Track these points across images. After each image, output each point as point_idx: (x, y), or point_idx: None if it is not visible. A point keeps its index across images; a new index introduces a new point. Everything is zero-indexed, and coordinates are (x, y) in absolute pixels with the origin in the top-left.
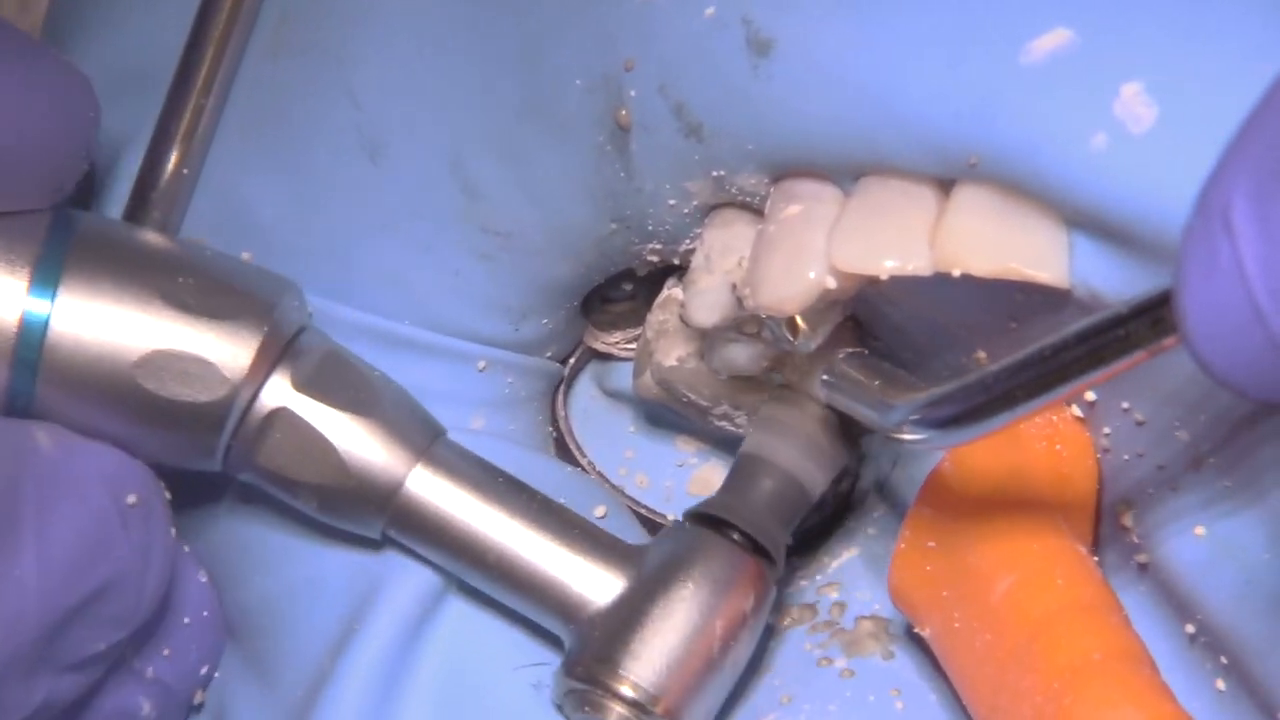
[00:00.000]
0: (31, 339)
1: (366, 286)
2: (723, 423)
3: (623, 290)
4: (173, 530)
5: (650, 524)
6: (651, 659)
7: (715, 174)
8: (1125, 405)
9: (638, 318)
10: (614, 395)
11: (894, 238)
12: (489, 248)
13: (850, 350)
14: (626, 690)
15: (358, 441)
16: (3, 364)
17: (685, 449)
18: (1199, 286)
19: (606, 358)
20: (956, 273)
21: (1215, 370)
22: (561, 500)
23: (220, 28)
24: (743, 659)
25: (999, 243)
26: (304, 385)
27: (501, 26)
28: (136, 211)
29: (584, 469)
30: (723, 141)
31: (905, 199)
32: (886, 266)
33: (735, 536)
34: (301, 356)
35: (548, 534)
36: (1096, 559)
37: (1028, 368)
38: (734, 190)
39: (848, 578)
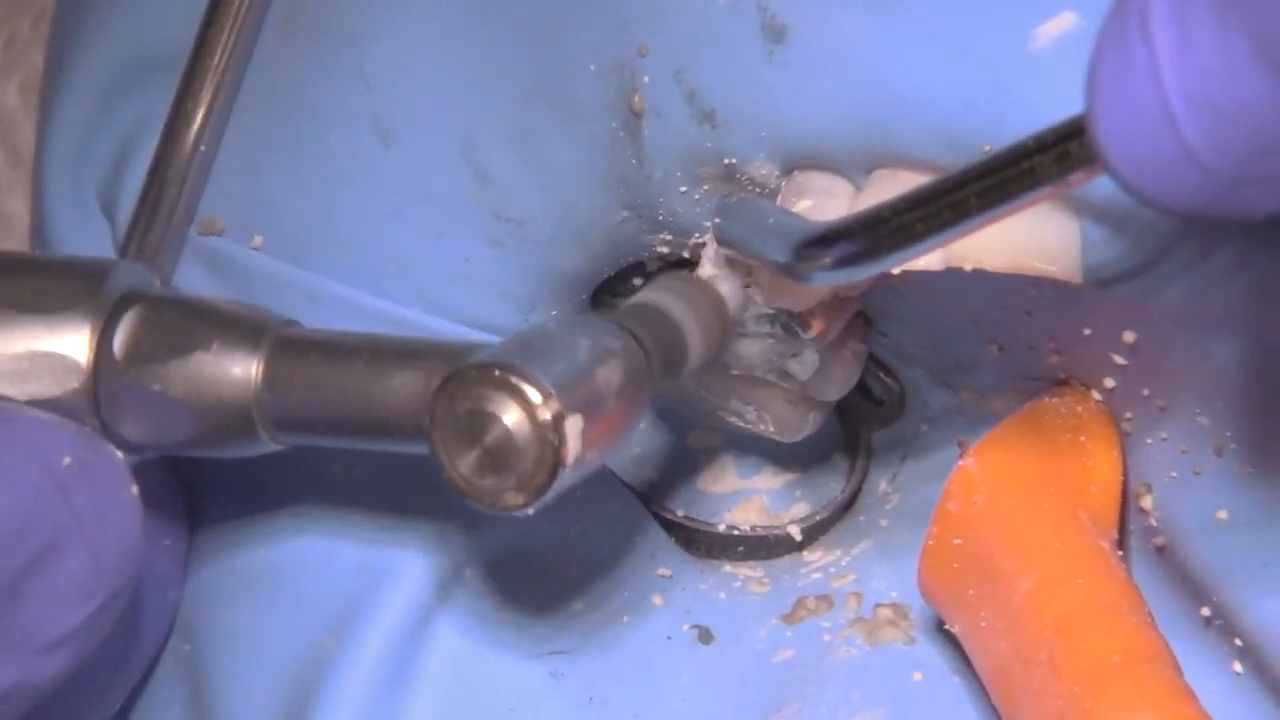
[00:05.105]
0: None
1: (377, 271)
2: (733, 418)
3: (632, 286)
4: (134, 490)
5: (663, 521)
6: (546, 369)
7: (727, 162)
8: (1146, 392)
9: None
10: None
11: None
12: (500, 235)
13: (740, 195)
14: (528, 389)
15: (200, 378)
16: None
17: (694, 445)
18: (1113, 91)
19: None
20: (968, 267)
21: (1126, 178)
22: (576, 492)
23: (235, 6)
24: (634, 420)
25: (1011, 237)
26: (129, 360)
27: (515, 9)
28: (151, 190)
29: None
30: (736, 129)
31: None
32: None
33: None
34: (128, 322)
35: (420, 343)
36: (1120, 551)
37: (927, 201)
38: (745, 180)
39: (863, 567)
